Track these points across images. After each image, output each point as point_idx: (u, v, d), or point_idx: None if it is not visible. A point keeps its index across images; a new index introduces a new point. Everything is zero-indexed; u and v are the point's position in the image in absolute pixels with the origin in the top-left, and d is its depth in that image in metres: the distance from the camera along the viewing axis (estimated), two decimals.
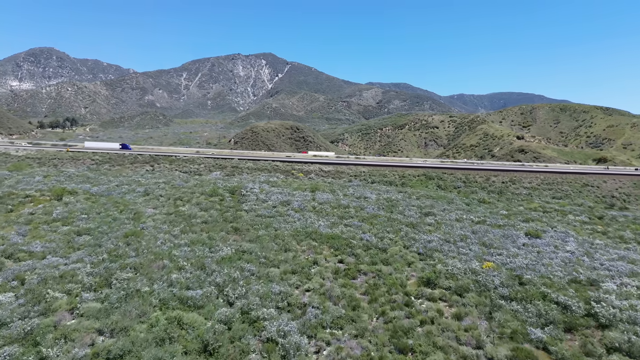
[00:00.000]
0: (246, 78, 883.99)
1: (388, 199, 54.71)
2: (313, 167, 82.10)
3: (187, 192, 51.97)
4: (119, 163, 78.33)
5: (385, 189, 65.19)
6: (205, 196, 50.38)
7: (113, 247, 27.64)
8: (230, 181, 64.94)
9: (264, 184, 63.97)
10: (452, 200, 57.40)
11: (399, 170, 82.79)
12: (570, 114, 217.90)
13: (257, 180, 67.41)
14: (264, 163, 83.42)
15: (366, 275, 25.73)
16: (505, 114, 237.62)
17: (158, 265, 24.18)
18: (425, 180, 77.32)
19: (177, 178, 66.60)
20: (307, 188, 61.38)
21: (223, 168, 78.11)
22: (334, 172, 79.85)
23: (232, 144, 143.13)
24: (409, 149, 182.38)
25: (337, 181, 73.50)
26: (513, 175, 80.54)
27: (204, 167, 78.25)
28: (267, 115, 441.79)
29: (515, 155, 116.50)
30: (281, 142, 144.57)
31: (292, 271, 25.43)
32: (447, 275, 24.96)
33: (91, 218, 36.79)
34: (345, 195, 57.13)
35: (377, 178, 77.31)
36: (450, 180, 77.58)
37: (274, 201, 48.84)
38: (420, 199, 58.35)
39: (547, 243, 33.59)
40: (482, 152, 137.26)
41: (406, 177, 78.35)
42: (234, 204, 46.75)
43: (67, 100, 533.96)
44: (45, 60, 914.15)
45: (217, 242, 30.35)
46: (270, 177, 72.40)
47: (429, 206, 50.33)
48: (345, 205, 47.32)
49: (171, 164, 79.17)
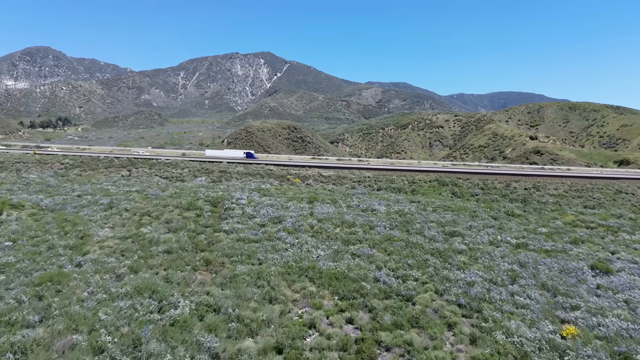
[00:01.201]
0: (244, 77, 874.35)
1: (400, 212, 45.94)
2: (311, 172, 73.28)
3: (160, 205, 43.09)
4: (92, 167, 69.40)
5: (395, 198, 56.43)
6: (179, 210, 41.49)
7: (13, 302, 18.71)
8: (215, 189, 56.07)
9: (254, 192, 55.13)
10: (475, 213, 48.65)
11: (408, 175, 73.97)
12: (579, 113, 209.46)
13: (247, 187, 58.56)
14: (257, 167, 74.55)
15: (390, 352, 16.86)
16: (511, 113, 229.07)
17: (63, 345, 15.22)
18: (439, 187, 68.56)
19: (155, 185, 57.74)
20: (305, 198, 52.56)
21: (209, 173, 69.23)
22: (335, 178, 71.03)
23: (225, 145, 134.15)
24: (413, 150, 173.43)
25: (339, 188, 64.72)
26: (536, 180, 71.79)
27: (188, 172, 69.37)
28: (265, 114, 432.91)
29: (530, 157, 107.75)
30: (277, 143, 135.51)
31: (275, 347, 16.59)
32: (516, 355, 16.11)
33: (18, 246, 27.91)
34: (350, 207, 48.34)
35: (384, 184, 68.51)
36: (467, 187, 68.84)
37: (263, 217, 39.99)
38: (437, 211, 49.57)
39: (627, 283, 24.76)
40: (493, 154, 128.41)
41: (416, 183, 69.55)
42: (213, 221, 37.85)
43: (61, 100, 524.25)
44: (42, 59, 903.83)
45: (174, 288, 21.51)
46: (263, 183, 63.59)
47: (451, 222, 41.57)
48: (351, 223, 38.49)
49: (151, 168, 70.25)
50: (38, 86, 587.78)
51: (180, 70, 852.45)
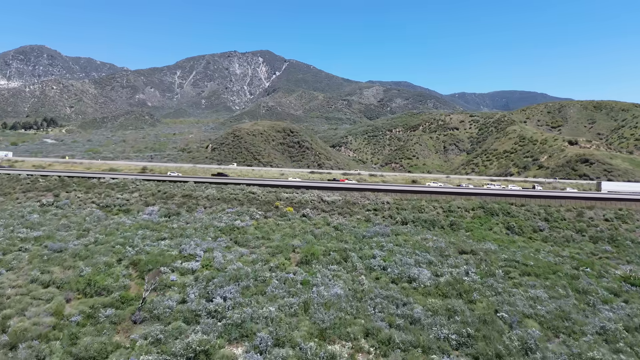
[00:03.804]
0: (242, 76, 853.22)
1: (456, 283, 27.04)
2: (309, 195, 53.94)
3: (39, 283, 23.97)
4: (5, 192, 50.05)
5: (434, 244, 37.20)
6: (49, 305, 22.26)
7: None
8: (161, 232, 36.88)
9: (222, 237, 36.03)
10: (576, 280, 29.45)
11: (441, 199, 54.56)
12: (606, 113, 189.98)
13: (214, 226, 39.31)
14: (235, 189, 55.10)
15: None
16: (529, 112, 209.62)
17: None
18: (486, 218, 49.31)
19: (75, 225, 38.54)
20: (298, 248, 33.52)
21: (167, 199, 49.93)
22: (342, 204, 51.71)
23: (210, 151, 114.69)
24: (426, 155, 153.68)
25: (348, 222, 45.50)
26: (616, 206, 52.59)
27: (139, 197, 50.07)
28: (262, 114, 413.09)
29: (577, 168, 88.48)
30: (270, 149, 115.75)
31: None
32: None
33: None
34: (370, 271, 29.62)
35: (409, 213, 49.25)
36: (524, 216, 49.63)
37: (215, 314, 20.86)
38: (511, 274, 30.56)
39: None
40: (524, 161, 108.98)
41: (454, 212, 50.28)
42: (110, 335, 18.59)
43: (51, 100, 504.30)
44: (36, 58, 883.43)
45: None
46: (240, 215, 44.32)
47: (556, 313, 22.95)
48: (384, 336, 19.24)
49: (88, 191, 50.97)
50: (28, 85, 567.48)
51: (176, 69, 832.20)
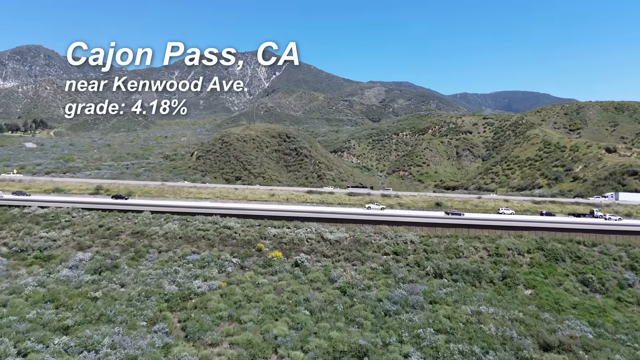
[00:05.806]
0: (242, 76, 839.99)
1: None
2: (305, 231, 40.10)
3: None
4: None
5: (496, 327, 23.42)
6: None
7: None
8: (69, 312, 23.36)
9: (162, 324, 22.31)
10: None
11: (482, 235, 40.62)
12: (629, 115, 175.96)
13: (157, 296, 25.75)
14: (204, 222, 41.18)
15: None
16: (544, 114, 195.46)
17: None
18: (549, 265, 35.56)
19: None
20: (282, 349, 19.96)
21: (110, 238, 36.19)
22: (349, 244, 37.87)
23: (194, 160, 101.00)
24: (437, 162, 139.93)
25: (359, 276, 31.85)
26: None
27: (70, 235, 36.34)
28: (261, 116, 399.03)
29: (626, 182, 74.87)
30: (263, 157, 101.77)
31: None
32: None
33: None
34: None
35: (441, 258, 35.53)
36: (601, 264, 35.96)
37: None
38: None
39: None
40: (554, 172, 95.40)
41: (504, 257, 36.51)
42: None
43: (44, 100, 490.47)
44: (32, 58, 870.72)
45: None
46: (204, 270, 30.77)
47: None
48: None
49: (2, 228, 37.16)
50: (21, 85, 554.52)
51: (174, 69, 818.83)
